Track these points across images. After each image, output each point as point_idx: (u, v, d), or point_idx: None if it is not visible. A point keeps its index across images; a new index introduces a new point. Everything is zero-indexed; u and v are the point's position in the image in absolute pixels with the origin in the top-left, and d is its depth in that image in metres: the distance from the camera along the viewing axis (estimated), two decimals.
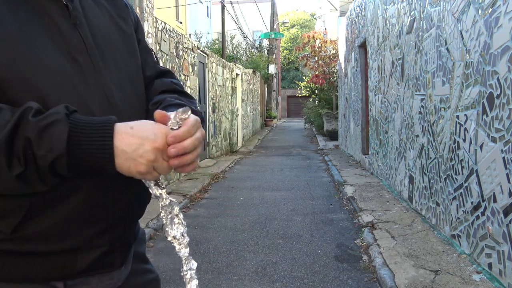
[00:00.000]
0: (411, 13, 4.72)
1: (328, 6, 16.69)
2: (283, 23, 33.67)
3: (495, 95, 2.87)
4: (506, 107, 2.73)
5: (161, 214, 0.82)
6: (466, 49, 3.31)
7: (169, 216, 0.82)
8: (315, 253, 3.83)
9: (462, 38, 3.38)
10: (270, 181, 7.43)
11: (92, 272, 0.86)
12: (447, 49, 3.69)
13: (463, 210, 3.42)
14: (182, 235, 0.82)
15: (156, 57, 1.03)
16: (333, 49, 14.20)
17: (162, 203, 0.82)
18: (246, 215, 5.09)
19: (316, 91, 16.48)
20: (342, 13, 12.08)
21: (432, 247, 3.61)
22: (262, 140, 15.79)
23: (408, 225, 4.27)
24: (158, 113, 0.77)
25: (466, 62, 3.31)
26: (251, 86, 16.53)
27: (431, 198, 4.18)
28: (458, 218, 3.51)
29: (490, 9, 2.92)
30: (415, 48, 4.60)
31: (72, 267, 0.83)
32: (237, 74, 12.94)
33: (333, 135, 13.63)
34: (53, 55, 0.79)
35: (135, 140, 0.73)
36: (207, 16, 23.56)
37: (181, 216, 0.83)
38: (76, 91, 0.80)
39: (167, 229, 0.82)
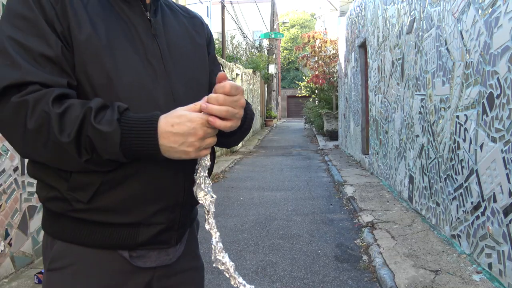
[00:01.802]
0: (411, 13, 4.72)
1: (328, 6, 16.69)
2: (283, 23, 33.69)
3: (495, 95, 2.87)
4: (506, 107, 2.73)
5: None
6: (466, 49, 3.31)
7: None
8: (315, 253, 3.83)
9: (462, 38, 3.38)
10: (270, 181, 7.43)
11: (151, 246, 0.98)
12: (447, 49, 3.69)
13: (463, 210, 3.42)
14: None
15: (222, 69, 1.13)
16: (333, 49, 14.20)
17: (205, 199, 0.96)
18: (246, 215, 5.09)
19: (316, 91, 16.49)
20: (342, 13, 12.07)
21: (432, 247, 3.61)
22: (262, 140, 15.79)
23: (408, 225, 4.27)
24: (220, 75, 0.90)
25: (466, 62, 3.31)
26: (251, 86, 16.53)
27: (431, 198, 4.18)
28: (458, 218, 3.51)
29: (490, 9, 2.92)
30: (415, 48, 4.60)
31: (134, 239, 0.95)
32: (237, 74, 12.94)
33: (333, 135, 13.63)
34: (133, 60, 0.94)
35: (179, 138, 0.84)
36: (207, 16, 23.56)
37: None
38: (147, 89, 0.94)
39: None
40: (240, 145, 12.88)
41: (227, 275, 0.93)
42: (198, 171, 0.95)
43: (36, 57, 0.83)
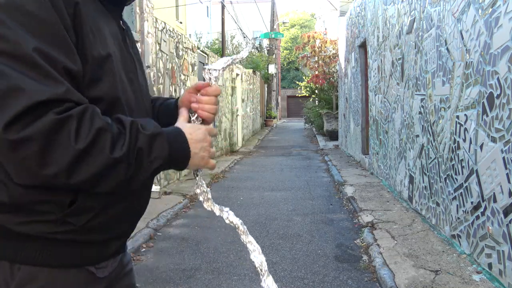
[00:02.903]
0: (411, 13, 4.72)
1: (328, 6, 16.68)
2: (283, 23, 33.68)
3: (495, 95, 2.87)
4: (506, 107, 2.73)
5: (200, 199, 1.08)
6: (466, 49, 3.31)
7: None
8: (315, 253, 3.82)
9: (462, 38, 3.38)
10: (270, 181, 7.43)
11: (114, 257, 0.99)
12: (447, 49, 3.69)
13: (463, 210, 3.42)
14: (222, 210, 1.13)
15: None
16: (333, 49, 14.19)
17: (199, 190, 1.07)
18: (246, 215, 5.09)
19: (316, 91, 16.48)
20: (342, 13, 12.07)
21: (432, 247, 3.61)
22: (262, 140, 15.80)
23: (408, 225, 4.27)
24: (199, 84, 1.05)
25: (466, 62, 3.31)
26: (251, 86, 16.53)
27: (431, 198, 4.18)
28: (458, 218, 3.51)
29: (490, 9, 2.92)
30: (415, 48, 4.60)
31: (105, 253, 0.96)
32: (237, 74, 12.94)
33: (333, 135, 13.63)
34: (124, 76, 0.95)
35: (198, 144, 0.95)
36: (207, 16, 23.55)
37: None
38: (139, 102, 1.00)
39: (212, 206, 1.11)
40: (240, 145, 12.88)
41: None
42: (198, 178, 1.07)
43: (59, 71, 0.77)
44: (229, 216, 1.15)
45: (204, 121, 1.04)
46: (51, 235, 0.85)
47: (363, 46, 8.11)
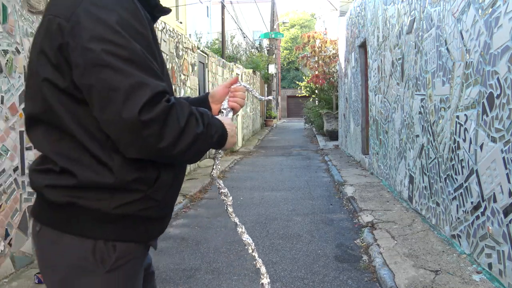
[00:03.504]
0: (411, 13, 4.72)
1: (328, 6, 16.67)
2: (283, 23, 33.69)
3: (495, 95, 2.87)
4: (506, 107, 2.73)
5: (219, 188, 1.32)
6: (466, 49, 3.31)
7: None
8: (315, 253, 3.82)
9: (462, 38, 3.38)
10: (270, 181, 7.43)
11: (162, 232, 1.17)
12: (447, 49, 3.69)
13: (463, 210, 3.42)
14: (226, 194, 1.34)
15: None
16: (333, 49, 14.19)
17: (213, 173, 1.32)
18: (246, 215, 5.09)
19: (316, 91, 16.47)
20: (342, 13, 12.07)
21: (432, 247, 3.61)
22: (262, 140, 15.80)
23: (408, 225, 4.27)
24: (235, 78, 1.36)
25: (466, 62, 3.31)
26: (251, 86, 16.52)
27: (431, 198, 4.18)
28: (458, 218, 3.51)
29: (490, 9, 2.92)
30: (415, 48, 4.60)
31: (162, 228, 1.15)
32: (237, 74, 12.94)
33: (333, 135, 13.62)
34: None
35: (231, 127, 1.18)
36: (207, 16, 23.55)
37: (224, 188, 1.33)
38: None
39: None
40: (240, 145, 12.88)
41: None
42: (216, 162, 1.32)
43: (157, 72, 1.01)
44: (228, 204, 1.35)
45: (232, 111, 1.30)
46: (137, 212, 1.03)
47: (363, 46, 8.11)
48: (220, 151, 1.28)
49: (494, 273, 2.89)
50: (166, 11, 1.18)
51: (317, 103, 17.58)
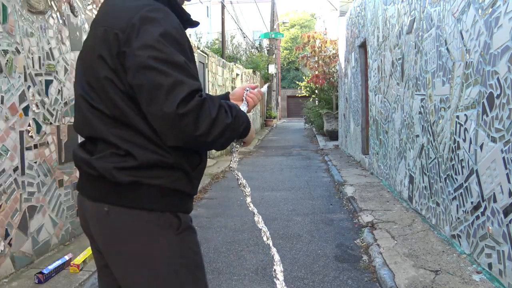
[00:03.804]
0: (411, 13, 4.72)
1: (328, 6, 16.67)
2: (283, 23, 33.68)
3: (495, 95, 2.87)
4: (506, 107, 2.73)
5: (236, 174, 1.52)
6: (466, 49, 3.31)
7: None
8: (315, 253, 3.82)
9: (462, 38, 3.38)
10: (270, 181, 7.43)
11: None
12: (447, 49, 3.69)
13: (463, 210, 3.42)
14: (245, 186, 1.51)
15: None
16: (333, 49, 14.19)
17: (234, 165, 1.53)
18: (246, 215, 5.09)
19: (316, 91, 16.47)
20: (342, 13, 12.07)
21: (432, 247, 3.61)
22: (262, 140, 15.80)
23: (408, 225, 4.27)
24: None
25: (466, 62, 3.31)
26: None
27: (431, 198, 4.18)
28: (458, 218, 3.51)
29: (490, 9, 2.92)
30: (415, 48, 4.60)
31: (192, 207, 1.34)
32: (237, 74, 12.94)
33: (333, 135, 13.62)
34: None
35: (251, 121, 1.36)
36: (207, 16, 23.55)
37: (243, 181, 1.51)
38: None
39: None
40: None
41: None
42: (234, 155, 1.52)
43: (195, 73, 1.22)
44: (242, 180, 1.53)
45: (247, 107, 1.48)
46: (183, 188, 1.24)
47: (363, 46, 8.11)
48: (237, 144, 1.44)
49: (494, 273, 2.89)
50: (195, 24, 1.39)
51: (317, 103, 17.58)
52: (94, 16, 4.48)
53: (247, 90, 1.50)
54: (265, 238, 1.48)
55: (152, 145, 1.18)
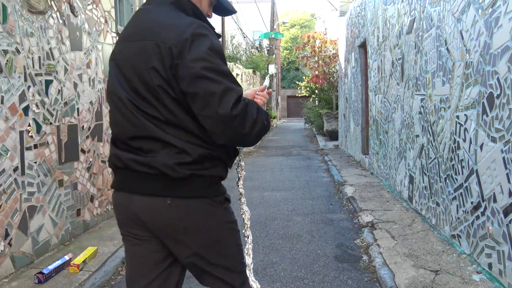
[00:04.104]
0: (411, 13, 4.72)
1: (328, 6, 16.67)
2: (283, 23, 33.68)
3: (495, 95, 2.87)
4: (506, 107, 2.73)
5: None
6: (466, 49, 3.31)
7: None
8: (315, 253, 3.82)
9: (462, 38, 3.38)
10: (270, 181, 7.43)
11: None
12: (447, 49, 3.69)
13: (463, 210, 3.42)
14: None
15: None
16: (333, 49, 14.19)
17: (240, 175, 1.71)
18: None
19: (316, 91, 16.47)
20: (342, 13, 12.07)
21: (432, 247, 3.61)
22: (262, 140, 15.79)
23: (408, 225, 4.27)
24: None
25: (466, 62, 3.31)
26: (251, 86, 16.54)
27: (431, 198, 4.18)
28: (458, 218, 3.51)
29: (490, 9, 2.92)
30: (415, 48, 4.60)
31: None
32: (237, 74, 12.94)
33: (333, 135, 13.62)
34: None
35: None
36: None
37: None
38: None
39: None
40: None
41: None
42: (240, 154, 1.66)
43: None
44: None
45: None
46: (223, 175, 1.49)
47: (363, 46, 8.11)
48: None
49: (494, 273, 2.89)
50: (219, 36, 1.51)
51: (317, 103, 17.58)
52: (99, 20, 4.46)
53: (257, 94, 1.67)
54: (245, 220, 1.70)
55: (200, 141, 1.38)
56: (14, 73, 3.25)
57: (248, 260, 1.61)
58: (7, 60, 3.17)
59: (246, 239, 1.65)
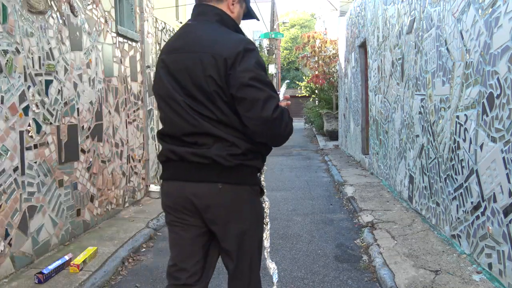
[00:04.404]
0: (411, 13, 4.72)
1: (328, 6, 16.66)
2: (283, 23, 33.68)
3: (495, 95, 2.87)
4: (506, 107, 2.73)
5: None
6: (466, 49, 3.31)
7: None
8: (315, 253, 3.82)
9: (462, 38, 3.38)
10: (270, 181, 7.42)
11: None
12: (447, 49, 3.69)
13: (463, 210, 3.42)
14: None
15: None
16: (333, 49, 14.18)
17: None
18: None
19: (316, 91, 16.46)
20: (342, 13, 12.06)
21: (432, 247, 3.61)
22: None
23: (408, 225, 4.27)
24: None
25: (466, 62, 3.31)
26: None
27: (431, 198, 4.18)
28: (458, 218, 3.51)
29: (490, 9, 2.92)
30: (415, 48, 4.60)
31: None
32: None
33: (333, 135, 13.62)
34: None
35: None
36: None
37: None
38: None
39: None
40: None
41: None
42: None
43: None
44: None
45: None
46: (260, 166, 1.75)
47: (363, 46, 8.11)
48: None
49: (494, 273, 2.89)
50: None
51: (317, 103, 17.57)
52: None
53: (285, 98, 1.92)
54: (265, 208, 1.87)
55: (245, 137, 1.64)
56: (14, 73, 3.25)
57: (266, 244, 1.86)
58: (7, 60, 3.17)
59: (265, 226, 1.84)
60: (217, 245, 1.79)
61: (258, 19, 2.06)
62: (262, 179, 1.84)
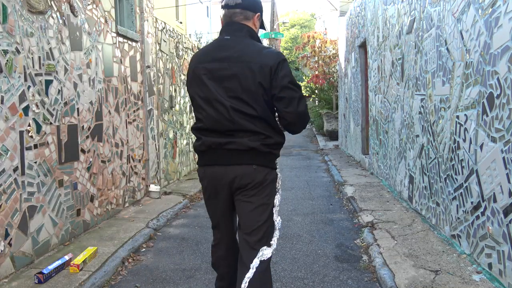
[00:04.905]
0: (411, 13, 4.72)
1: (328, 6, 16.66)
2: (283, 23, 33.65)
3: (495, 95, 2.87)
4: (506, 107, 2.73)
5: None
6: (466, 49, 3.31)
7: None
8: (315, 253, 3.82)
9: (462, 38, 3.38)
10: None
11: None
12: (447, 49, 3.69)
13: (463, 210, 3.42)
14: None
15: None
16: (333, 49, 14.18)
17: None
18: None
19: (316, 91, 16.47)
20: (342, 13, 12.07)
21: (432, 247, 3.61)
22: None
23: (408, 225, 4.27)
24: None
25: (466, 62, 3.31)
26: None
27: (431, 198, 4.18)
28: (458, 218, 3.51)
29: (490, 9, 2.92)
30: (415, 48, 4.60)
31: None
32: None
33: (333, 135, 13.62)
34: None
35: None
36: (207, 16, 23.53)
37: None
38: None
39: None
40: None
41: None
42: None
43: None
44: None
45: None
46: (279, 154, 2.18)
47: (363, 46, 8.11)
48: None
49: (494, 273, 2.89)
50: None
51: (317, 103, 17.59)
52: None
53: None
54: (278, 186, 2.31)
55: (275, 132, 2.09)
56: (14, 73, 3.25)
57: (276, 203, 2.37)
58: (7, 60, 3.17)
59: (277, 192, 2.31)
60: (234, 213, 2.30)
61: (266, 30, 2.47)
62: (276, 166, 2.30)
